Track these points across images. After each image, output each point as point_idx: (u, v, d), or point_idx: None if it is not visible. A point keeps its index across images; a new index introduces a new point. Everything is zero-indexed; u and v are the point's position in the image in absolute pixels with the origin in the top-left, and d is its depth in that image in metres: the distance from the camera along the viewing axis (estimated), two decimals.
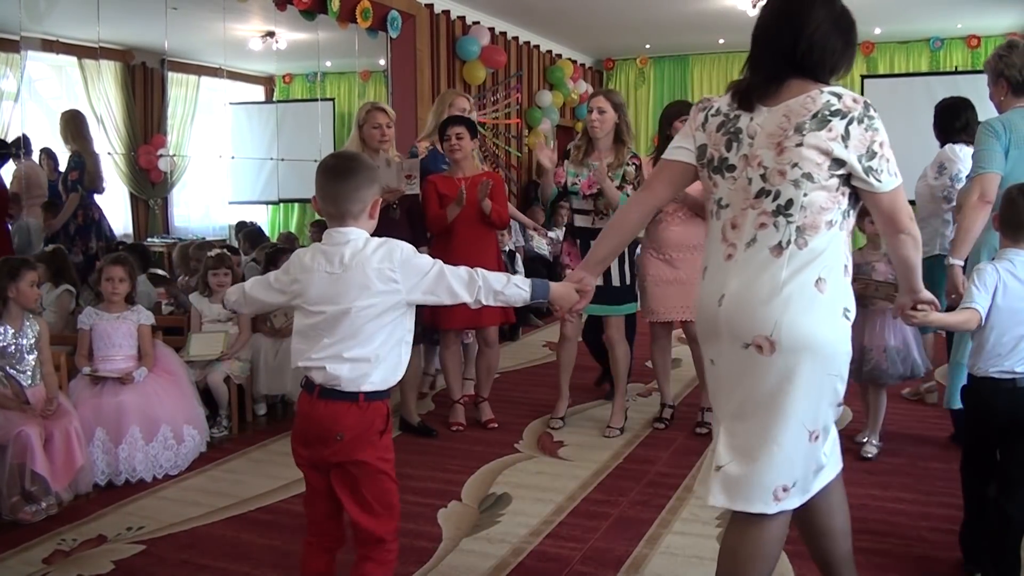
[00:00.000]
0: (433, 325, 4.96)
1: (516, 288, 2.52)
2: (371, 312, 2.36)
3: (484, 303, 2.50)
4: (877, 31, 10.47)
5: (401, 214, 4.73)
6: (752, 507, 2.23)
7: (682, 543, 3.45)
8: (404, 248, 2.43)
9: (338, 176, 2.43)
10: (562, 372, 5.13)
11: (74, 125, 6.23)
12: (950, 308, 3.17)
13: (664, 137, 4.72)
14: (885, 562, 3.26)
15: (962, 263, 3.59)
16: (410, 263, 2.41)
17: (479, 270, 2.50)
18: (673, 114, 4.71)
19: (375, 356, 2.38)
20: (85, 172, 6.08)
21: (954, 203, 4.77)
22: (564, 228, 5.43)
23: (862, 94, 8.83)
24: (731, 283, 2.25)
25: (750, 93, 2.26)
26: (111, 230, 6.42)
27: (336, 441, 2.37)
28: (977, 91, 10.11)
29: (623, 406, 5.04)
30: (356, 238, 2.42)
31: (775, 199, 2.19)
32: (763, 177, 2.20)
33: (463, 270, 2.47)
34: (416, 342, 5.08)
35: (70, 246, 5.82)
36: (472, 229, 4.83)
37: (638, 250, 5.22)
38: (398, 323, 2.43)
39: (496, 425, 5.02)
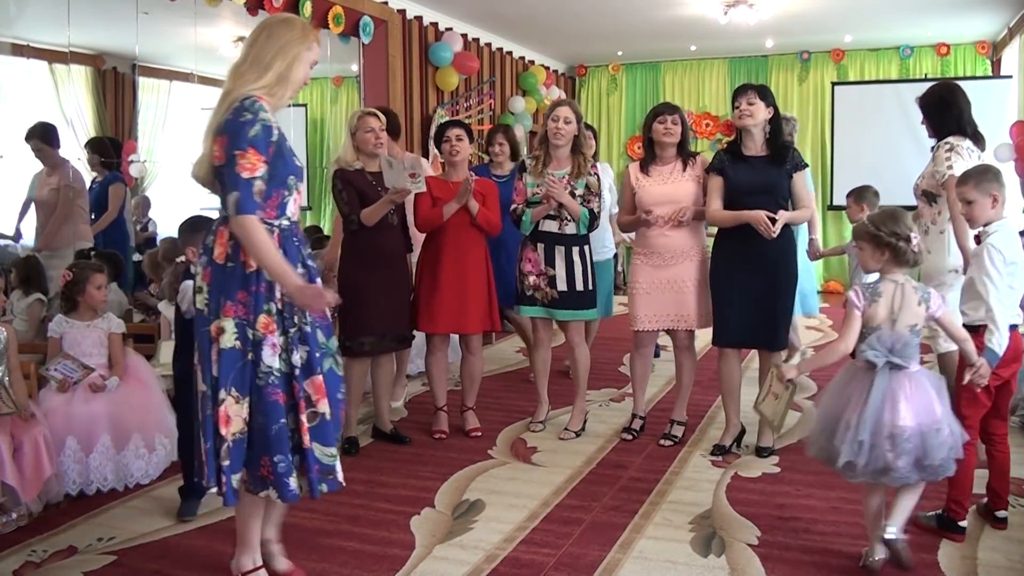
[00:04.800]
0: (417, 329, 4.95)
1: None
2: None
3: None
4: (848, 39, 10.56)
5: (399, 221, 4.75)
6: None
7: (655, 548, 3.48)
8: None
9: None
10: (539, 378, 5.16)
11: None
12: None
13: (647, 140, 4.70)
14: (851, 564, 3.30)
15: None
16: None
17: None
18: (650, 117, 4.69)
19: None
20: None
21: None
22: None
23: (832, 101, 9.13)
24: None
25: None
26: None
27: None
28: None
29: (583, 409, 5.06)
30: None
31: None
32: None
33: None
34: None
35: None
36: (461, 234, 4.82)
37: (609, 255, 5.21)
38: None
39: (480, 434, 5.00)
